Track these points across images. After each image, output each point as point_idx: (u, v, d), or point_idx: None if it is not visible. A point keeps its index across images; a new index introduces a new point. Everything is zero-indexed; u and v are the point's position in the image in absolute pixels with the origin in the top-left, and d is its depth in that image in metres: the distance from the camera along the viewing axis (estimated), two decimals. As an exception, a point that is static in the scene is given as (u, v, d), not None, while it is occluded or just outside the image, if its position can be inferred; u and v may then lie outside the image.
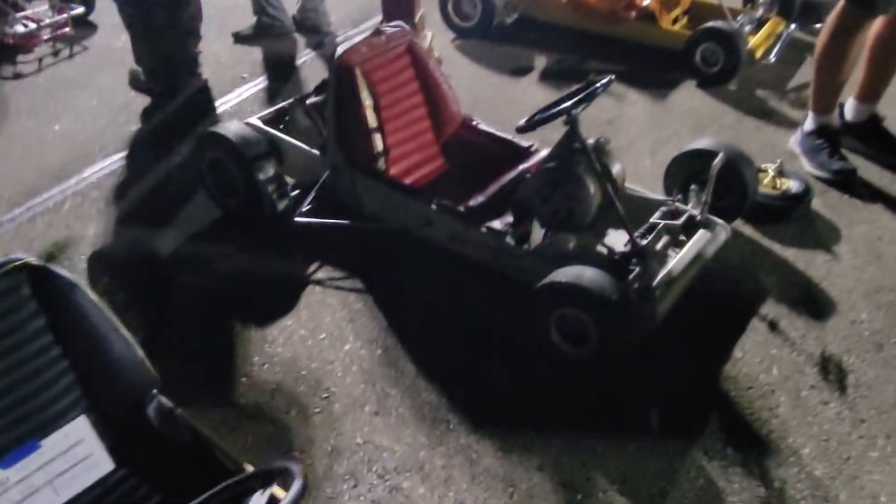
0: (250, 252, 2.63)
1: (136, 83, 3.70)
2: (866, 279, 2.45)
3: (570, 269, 2.07)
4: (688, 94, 3.66)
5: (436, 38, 4.22)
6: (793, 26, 4.04)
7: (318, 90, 2.84)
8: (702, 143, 2.59)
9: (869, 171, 2.99)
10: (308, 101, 2.81)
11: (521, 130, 2.32)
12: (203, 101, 3.70)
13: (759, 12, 4.01)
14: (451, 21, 4.31)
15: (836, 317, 2.31)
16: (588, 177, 2.31)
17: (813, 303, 2.37)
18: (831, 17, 2.80)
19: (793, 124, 3.33)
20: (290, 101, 2.91)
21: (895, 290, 2.41)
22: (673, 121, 3.44)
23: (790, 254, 2.58)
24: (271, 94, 3.76)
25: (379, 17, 3.79)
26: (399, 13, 3.55)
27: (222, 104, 3.71)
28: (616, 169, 2.42)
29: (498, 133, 2.84)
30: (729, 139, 3.24)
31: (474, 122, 2.89)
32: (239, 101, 3.71)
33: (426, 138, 2.81)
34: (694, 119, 3.44)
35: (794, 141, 3.12)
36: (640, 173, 3.05)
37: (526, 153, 2.75)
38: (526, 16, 4.28)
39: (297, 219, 2.59)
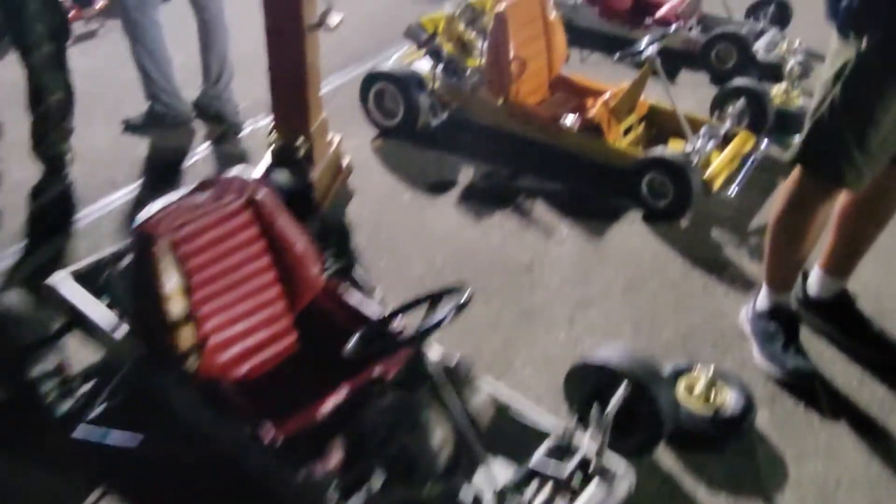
0: (17, 468, 2.04)
1: (-16, 186, 3.16)
2: (812, 559, 1.84)
3: None
4: (630, 232, 3.06)
5: (355, 136, 3.68)
6: (764, 143, 3.46)
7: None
8: (607, 354, 1.99)
9: (834, 366, 2.39)
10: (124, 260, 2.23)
11: (349, 358, 1.74)
12: (58, 214, 3.14)
13: (727, 125, 3.42)
14: (373, 117, 3.75)
15: None
16: (436, 419, 1.73)
17: None
18: (787, 183, 2.21)
19: (748, 284, 2.74)
20: (109, 252, 2.34)
21: (849, 578, 1.80)
22: (605, 271, 2.84)
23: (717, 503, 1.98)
24: (140, 205, 3.17)
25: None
26: (292, 115, 3.00)
27: (84, 217, 3.14)
28: (481, 399, 1.83)
29: (364, 310, 2.24)
30: (666, 303, 2.66)
31: (339, 290, 2.30)
32: (99, 216, 3.14)
33: (275, 310, 2.23)
34: (631, 270, 2.84)
35: (745, 316, 2.52)
36: (550, 352, 2.47)
37: (392, 344, 2.15)
38: (459, 116, 3.72)
39: (79, 430, 2.00)
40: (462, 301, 1.69)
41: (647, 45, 3.22)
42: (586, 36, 4.88)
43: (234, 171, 2.26)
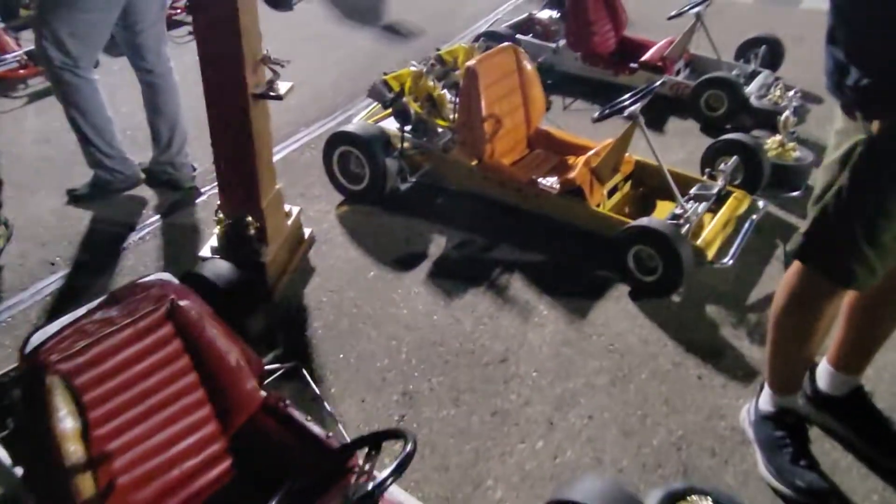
0: None
1: None
2: None
3: None
4: (616, 311, 2.77)
5: (321, 201, 3.41)
6: (761, 203, 3.19)
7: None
8: (587, 494, 1.68)
9: (850, 476, 2.09)
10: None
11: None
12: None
13: (719, 183, 3.15)
14: (338, 181, 3.47)
15: None
16: None
17: None
18: (788, 278, 1.92)
19: (749, 374, 2.45)
20: (10, 370, 2.04)
21: None
22: (589, 360, 2.54)
23: None
24: (76, 294, 2.88)
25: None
26: (240, 192, 2.73)
27: (11, 306, 2.85)
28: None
29: (311, 425, 1.94)
30: (658, 399, 2.36)
31: (280, 405, 2.00)
32: (29, 305, 2.84)
33: (205, 433, 1.92)
34: (617, 358, 2.55)
35: (746, 416, 2.23)
36: (526, 467, 2.16)
37: (338, 469, 1.85)
38: (430, 179, 3.45)
39: None
40: (406, 454, 1.40)
41: (631, 103, 2.95)
42: (569, 81, 4.65)
43: (154, 276, 1.96)
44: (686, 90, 4.30)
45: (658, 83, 3.05)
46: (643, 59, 4.50)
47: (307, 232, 3.14)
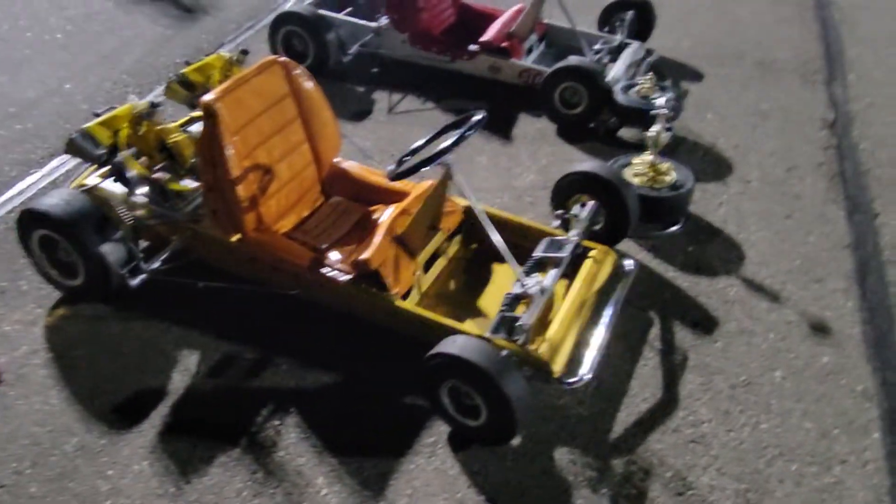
0: None
1: None
2: None
3: None
4: (428, 474, 1.91)
5: (23, 304, 2.39)
6: (629, 265, 2.37)
7: None
8: None
9: None
10: None
11: None
12: None
13: (573, 239, 2.30)
14: (48, 274, 2.44)
15: None
16: None
17: None
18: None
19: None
20: None
21: None
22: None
23: None
24: None
25: None
26: None
27: None
28: None
29: None
30: None
31: None
32: None
33: None
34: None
35: None
36: None
37: None
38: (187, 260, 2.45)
39: None
40: None
41: (437, 154, 2.02)
42: (397, 70, 3.68)
43: None
44: (538, 77, 3.41)
45: (476, 120, 2.11)
46: (484, 38, 3.56)
47: (-15, 371, 2.14)
